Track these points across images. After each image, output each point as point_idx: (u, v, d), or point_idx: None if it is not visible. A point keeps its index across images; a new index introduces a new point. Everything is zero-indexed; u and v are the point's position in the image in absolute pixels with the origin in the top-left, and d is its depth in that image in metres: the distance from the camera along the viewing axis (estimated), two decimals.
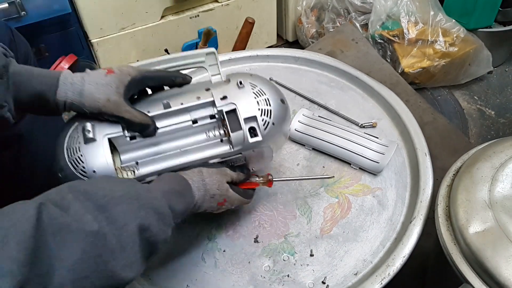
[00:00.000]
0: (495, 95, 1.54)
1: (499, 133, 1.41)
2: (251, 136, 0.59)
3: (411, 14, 1.43)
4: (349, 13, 1.50)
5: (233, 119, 0.58)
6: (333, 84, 0.93)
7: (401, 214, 0.69)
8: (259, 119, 0.59)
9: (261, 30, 1.64)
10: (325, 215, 0.70)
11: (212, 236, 0.68)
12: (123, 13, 1.32)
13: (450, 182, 0.67)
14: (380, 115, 0.85)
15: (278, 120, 0.60)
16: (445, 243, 0.61)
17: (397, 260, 0.61)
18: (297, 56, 0.97)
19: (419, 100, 1.11)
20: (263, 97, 0.60)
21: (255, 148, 0.60)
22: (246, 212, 0.71)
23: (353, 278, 0.62)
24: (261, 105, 0.59)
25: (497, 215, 0.57)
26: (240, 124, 0.58)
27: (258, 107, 0.59)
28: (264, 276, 0.63)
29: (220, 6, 1.47)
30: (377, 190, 0.73)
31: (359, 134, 0.77)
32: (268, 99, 0.60)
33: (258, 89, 0.60)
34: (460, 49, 1.41)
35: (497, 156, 0.64)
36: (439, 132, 1.04)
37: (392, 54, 1.44)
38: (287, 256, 0.65)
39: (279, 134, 0.62)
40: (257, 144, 0.59)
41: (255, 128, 0.59)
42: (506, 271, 0.53)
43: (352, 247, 0.66)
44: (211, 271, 0.64)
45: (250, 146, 0.59)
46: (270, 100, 0.60)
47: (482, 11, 1.47)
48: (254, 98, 0.59)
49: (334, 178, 0.75)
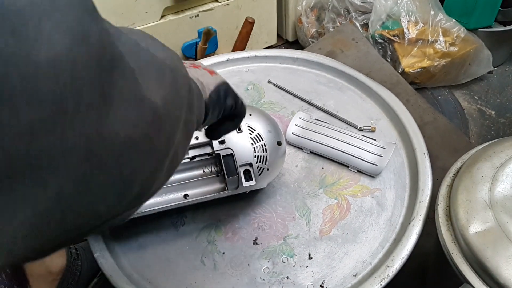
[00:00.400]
0: (496, 95, 1.53)
1: (499, 133, 1.40)
2: (246, 179, 0.62)
3: (411, 13, 1.42)
4: (349, 13, 1.50)
5: (229, 163, 0.62)
6: (332, 85, 0.92)
7: (400, 214, 0.69)
8: (254, 166, 0.62)
9: (261, 30, 1.63)
10: (324, 217, 0.70)
11: (211, 239, 0.68)
12: (122, 12, 1.32)
13: (450, 182, 0.67)
14: (378, 116, 0.85)
15: (273, 165, 0.64)
16: (446, 243, 0.60)
17: (396, 261, 0.61)
18: (295, 57, 0.97)
19: (419, 100, 1.10)
20: (260, 143, 0.63)
21: (249, 190, 0.64)
22: (245, 214, 0.71)
23: (352, 279, 0.62)
24: (257, 152, 0.62)
25: (498, 215, 0.57)
26: (236, 169, 0.61)
27: (254, 154, 0.62)
28: (264, 278, 0.63)
29: (220, 5, 1.47)
30: (376, 191, 0.72)
31: (357, 137, 0.77)
32: (264, 144, 0.63)
33: (256, 134, 0.63)
34: (460, 49, 1.41)
35: (498, 156, 0.64)
36: (439, 132, 1.04)
37: (392, 53, 1.44)
38: (286, 258, 0.65)
39: (272, 174, 0.66)
40: (250, 187, 0.63)
41: (250, 172, 0.62)
42: (507, 271, 0.53)
43: (351, 248, 0.66)
44: (211, 273, 0.64)
45: (244, 188, 0.63)
46: (266, 146, 0.63)
47: (483, 11, 1.47)
48: (251, 145, 0.62)
49: (333, 179, 0.74)
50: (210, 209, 0.71)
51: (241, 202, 0.72)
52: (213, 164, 0.65)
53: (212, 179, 0.65)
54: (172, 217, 0.71)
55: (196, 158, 0.64)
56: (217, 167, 0.65)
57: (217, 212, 0.71)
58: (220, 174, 0.65)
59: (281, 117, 0.86)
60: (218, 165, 0.65)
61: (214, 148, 0.62)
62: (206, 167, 0.65)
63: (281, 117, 0.86)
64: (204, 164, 0.65)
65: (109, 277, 0.63)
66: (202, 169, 0.65)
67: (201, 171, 0.65)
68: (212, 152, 0.63)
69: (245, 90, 0.92)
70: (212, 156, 0.64)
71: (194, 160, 0.64)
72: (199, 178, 0.65)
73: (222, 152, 0.62)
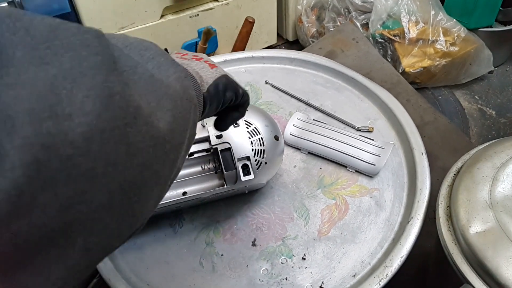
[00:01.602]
0: (496, 95, 1.53)
1: (500, 133, 1.40)
2: (244, 174, 0.61)
3: (412, 13, 1.42)
4: (350, 12, 1.50)
5: (227, 158, 0.61)
6: (329, 85, 0.92)
7: (398, 214, 0.69)
8: (252, 159, 0.62)
9: (261, 30, 1.63)
10: (322, 217, 0.69)
11: (210, 240, 0.68)
12: (122, 12, 1.32)
13: (451, 182, 0.67)
14: (376, 115, 0.84)
15: (270, 159, 0.63)
16: (446, 243, 0.60)
17: (395, 260, 0.61)
18: (293, 57, 0.96)
19: (420, 99, 1.10)
20: (257, 137, 0.63)
21: (247, 185, 0.63)
22: (243, 215, 0.70)
23: (351, 280, 0.62)
24: (255, 145, 0.62)
25: (498, 215, 0.57)
26: (234, 164, 0.61)
27: (251, 147, 0.62)
28: (262, 279, 0.63)
29: (220, 5, 1.47)
30: (374, 191, 0.72)
31: (354, 137, 0.76)
32: (262, 138, 0.63)
33: (253, 128, 0.63)
34: (461, 48, 1.40)
35: (498, 156, 0.64)
36: (440, 132, 1.03)
37: (392, 53, 1.44)
38: (285, 259, 0.65)
39: (271, 170, 0.65)
40: (249, 181, 0.62)
41: (248, 166, 0.62)
42: (507, 271, 0.52)
43: (350, 249, 0.65)
44: (209, 275, 0.64)
45: (242, 183, 0.62)
46: (264, 140, 0.63)
47: (483, 11, 1.46)
48: (249, 138, 0.62)
49: (331, 180, 0.74)
50: (209, 211, 0.71)
51: (240, 204, 0.71)
52: (211, 161, 0.64)
53: (210, 176, 0.64)
54: (170, 219, 0.70)
55: (194, 155, 0.63)
56: (215, 163, 0.64)
57: (216, 214, 0.70)
58: (218, 170, 0.64)
59: (279, 117, 0.85)
60: (216, 162, 0.64)
61: (212, 143, 0.61)
62: (204, 164, 0.64)
63: (279, 118, 0.85)
64: (202, 160, 0.64)
65: (108, 280, 0.62)
66: (200, 166, 0.64)
67: (200, 168, 0.64)
68: (210, 148, 0.62)
69: None
70: (210, 153, 0.63)
71: (192, 157, 0.63)
72: (197, 175, 0.64)
73: (220, 146, 0.61)
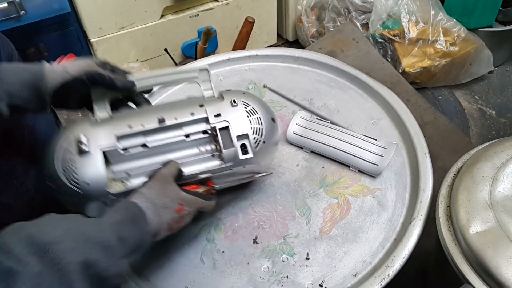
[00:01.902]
0: (496, 95, 1.53)
1: (500, 133, 1.40)
2: (243, 153, 0.62)
3: (411, 13, 1.42)
4: (350, 12, 1.50)
5: (225, 136, 0.61)
6: (333, 84, 0.92)
7: (400, 214, 0.69)
8: (250, 137, 0.62)
9: (261, 30, 1.63)
10: (324, 216, 0.69)
11: (211, 237, 0.68)
12: (122, 12, 1.32)
13: (451, 182, 0.67)
14: (380, 115, 0.85)
15: (268, 139, 0.64)
16: (446, 243, 0.60)
17: (397, 261, 0.61)
18: (296, 56, 0.97)
19: (420, 99, 1.10)
20: (255, 116, 0.63)
21: (245, 164, 0.63)
22: (245, 213, 0.70)
23: (352, 279, 0.62)
24: (253, 124, 0.62)
25: (498, 215, 0.57)
26: (232, 141, 0.61)
27: (250, 126, 0.62)
28: (263, 277, 0.63)
29: (220, 5, 1.47)
30: (376, 191, 0.72)
31: (358, 136, 0.76)
32: (260, 118, 0.63)
33: (251, 108, 0.63)
34: (461, 48, 1.41)
35: (498, 156, 0.64)
36: (440, 132, 1.04)
37: (392, 53, 1.44)
38: (286, 257, 0.65)
39: (268, 151, 0.66)
40: (247, 160, 0.62)
41: (247, 145, 0.62)
42: (507, 271, 0.52)
43: (351, 248, 0.65)
44: (210, 272, 0.64)
45: (241, 162, 0.62)
46: (262, 119, 0.63)
47: (483, 11, 1.47)
48: (247, 117, 0.62)
49: (334, 179, 0.74)
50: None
51: (241, 201, 0.72)
52: (208, 143, 0.62)
53: (208, 158, 0.62)
54: None
55: (190, 137, 0.61)
56: (212, 145, 0.62)
57: (217, 211, 0.71)
58: (216, 153, 0.62)
59: (282, 116, 0.86)
60: (214, 143, 0.62)
61: (210, 122, 0.61)
62: (201, 145, 0.62)
63: (282, 116, 0.85)
64: (199, 142, 0.62)
65: None
66: (197, 148, 0.62)
67: (196, 150, 0.62)
68: (207, 130, 0.62)
69: (246, 89, 0.92)
70: (207, 135, 0.62)
71: (188, 138, 0.61)
72: (194, 157, 0.62)
73: (218, 125, 0.61)
